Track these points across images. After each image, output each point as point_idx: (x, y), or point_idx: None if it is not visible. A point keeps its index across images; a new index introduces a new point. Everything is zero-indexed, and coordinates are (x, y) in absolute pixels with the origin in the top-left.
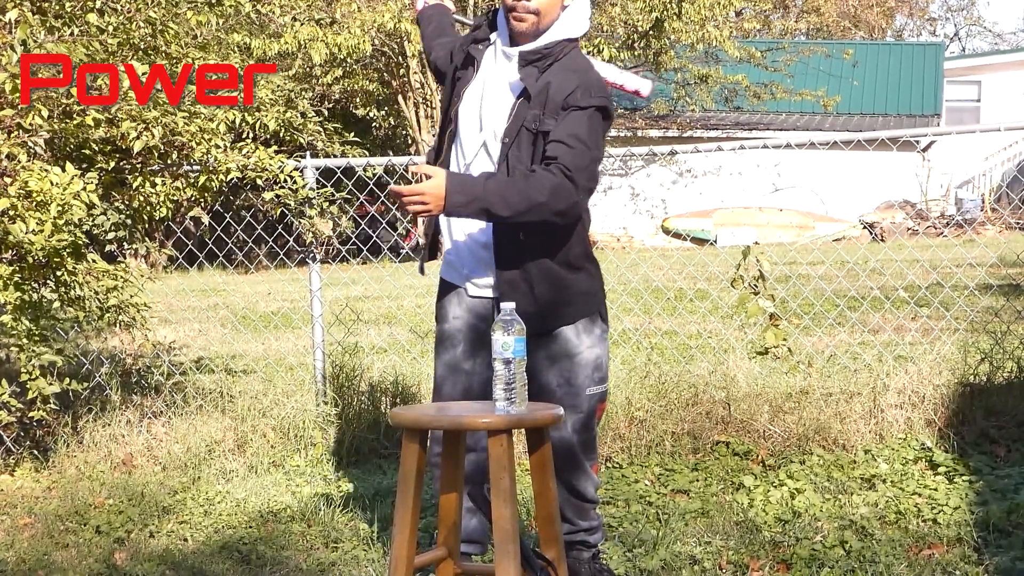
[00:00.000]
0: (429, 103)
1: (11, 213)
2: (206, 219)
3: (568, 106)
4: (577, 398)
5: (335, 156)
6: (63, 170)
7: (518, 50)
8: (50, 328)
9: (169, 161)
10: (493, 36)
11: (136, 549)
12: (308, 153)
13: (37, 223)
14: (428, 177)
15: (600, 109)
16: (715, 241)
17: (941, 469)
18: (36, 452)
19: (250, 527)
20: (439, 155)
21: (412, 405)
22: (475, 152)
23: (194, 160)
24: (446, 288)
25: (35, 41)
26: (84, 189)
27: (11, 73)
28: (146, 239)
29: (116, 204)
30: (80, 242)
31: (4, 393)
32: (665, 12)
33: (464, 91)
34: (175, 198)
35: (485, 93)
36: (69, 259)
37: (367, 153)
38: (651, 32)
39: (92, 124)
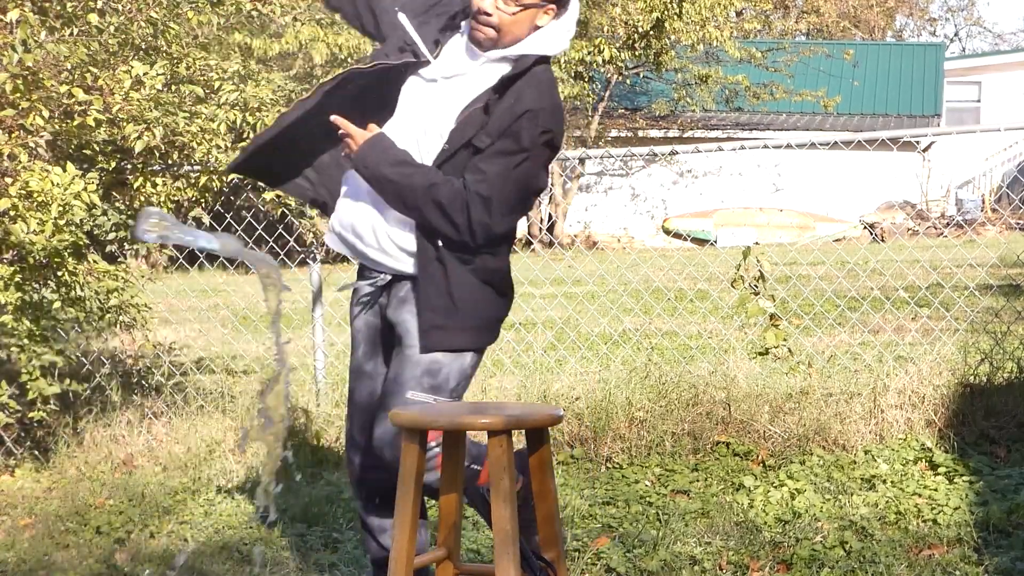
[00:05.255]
0: None
1: (12, 213)
2: (207, 219)
3: (509, 131)
4: (394, 397)
5: None
6: (64, 170)
7: (488, 56)
8: (51, 329)
9: (170, 161)
10: (464, 25)
11: (136, 549)
12: None
13: (38, 223)
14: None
15: (545, 144)
16: (715, 241)
17: (941, 469)
18: (36, 453)
19: (250, 528)
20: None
21: (412, 405)
22: (405, 141)
23: (195, 160)
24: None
25: (36, 41)
26: (85, 189)
27: (12, 73)
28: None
29: (117, 204)
30: (81, 242)
31: (4, 394)
32: (666, 12)
33: (414, 72)
34: (176, 198)
35: (439, 86)
36: (70, 259)
37: None
38: (652, 32)
39: (93, 124)
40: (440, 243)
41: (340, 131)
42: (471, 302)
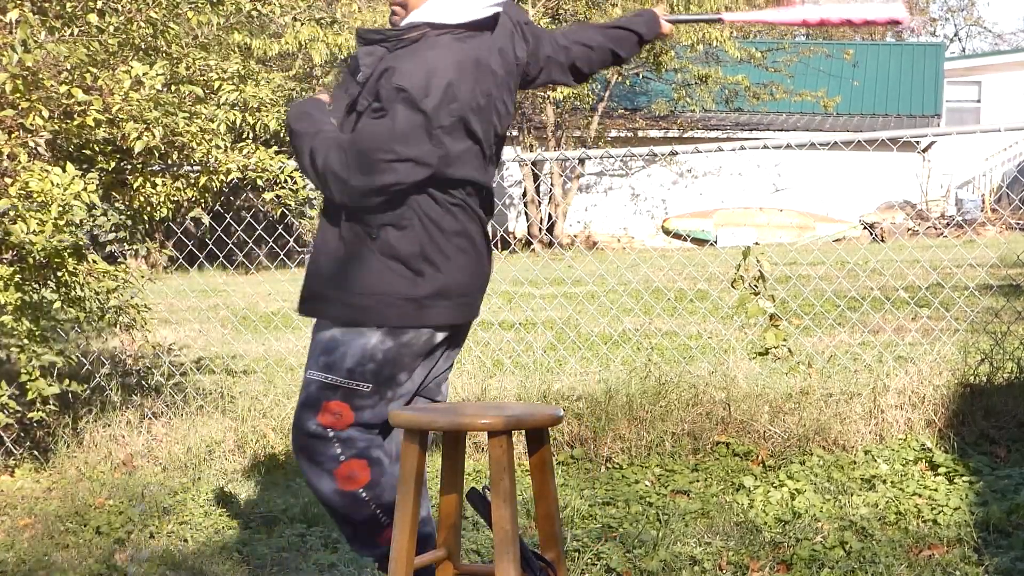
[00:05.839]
0: None
1: (12, 214)
2: (206, 219)
3: (374, 89)
4: (304, 378)
5: None
6: (64, 170)
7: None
8: (51, 329)
9: (170, 161)
10: None
11: (136, 550)
12: None
13: (38, 224)
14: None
15: (403, 104)
16: (715, 242)
17: (941, 470)
18: (36, 453)
19: (250, 528)
20: None
21: (411, 404)
22: None
23: (195, 160)
24: None
25: (35, 41)
26: (85, 189)
27: (12, 73)
28: (146, 239)
29: (117, 204)
30: (81, 243)
31: (4, 394)
32: None
33: None
34: (175, 198)
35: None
36: (70, 260)
37: None
38: None
39: (93, 124)
40: (344, 216)
41: None
42: (367, 278)
